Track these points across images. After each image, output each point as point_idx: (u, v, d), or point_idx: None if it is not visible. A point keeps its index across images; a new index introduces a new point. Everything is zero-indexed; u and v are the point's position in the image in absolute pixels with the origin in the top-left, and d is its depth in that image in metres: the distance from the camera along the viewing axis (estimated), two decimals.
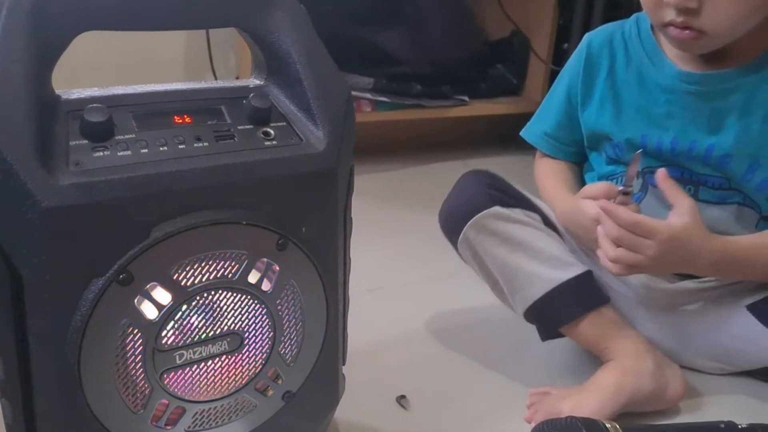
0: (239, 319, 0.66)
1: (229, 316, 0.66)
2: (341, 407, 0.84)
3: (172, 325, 0.63)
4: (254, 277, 0.66)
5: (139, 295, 0.60)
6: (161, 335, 0.62)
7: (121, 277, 0.59)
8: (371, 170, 1.86)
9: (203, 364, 0.65)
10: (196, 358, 0.65)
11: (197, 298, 0.63)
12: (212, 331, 0.65)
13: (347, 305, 0.78)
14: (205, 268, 0.63)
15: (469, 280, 1.12)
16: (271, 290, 0.67)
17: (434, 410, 0.94)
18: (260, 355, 0.68)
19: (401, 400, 0.94)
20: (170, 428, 0.66)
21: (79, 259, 0.57)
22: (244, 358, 0.68)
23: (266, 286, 0.67)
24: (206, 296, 0.64)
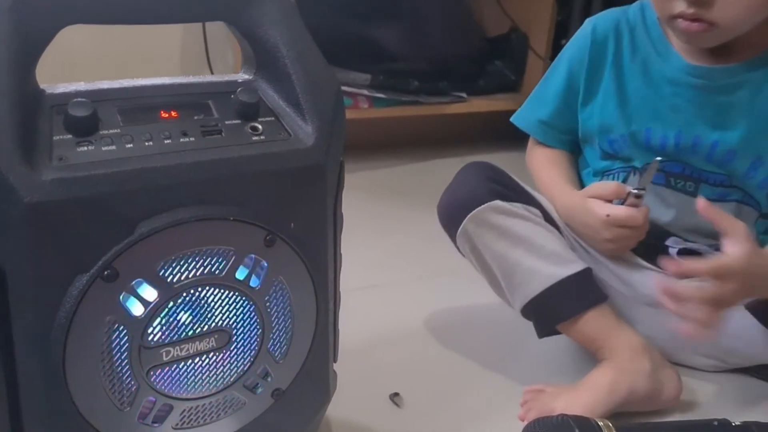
0: (227, 315, 0.66)
1: (216, 312, 0.65)
2: (334, 405, 0.83)
3: (158, 321, 0.62)
4: (242, 273, 0.65)
5: (124, 291, 0.60)
6: (147, 332, 0.61)
7: (105, 273, 0.58)
8: (368, 167, 1.85)
9: (191, 361, 0.65)
10: (183, 355, 0.64)
11: (184, 294, 0.63)
12: (200, 327, 0.64)
13: (338, 302, 0.77)
14: (191, 264, 0.62)
15: (465, 278, 1.12)
16: (259, 287, 0.66)
17: (428, 408, 0.93)
18: (249, 352, 0.68)
19: (395, 397, 0.94)
20: (157, 425, 0.65)
21: (62, 255, 0.57)
22: (232, 355, 0.67)
23: (254, 282, 0.66)
24: (193, 293, 0.63)
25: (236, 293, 0.65)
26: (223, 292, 0.65)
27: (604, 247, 0.96)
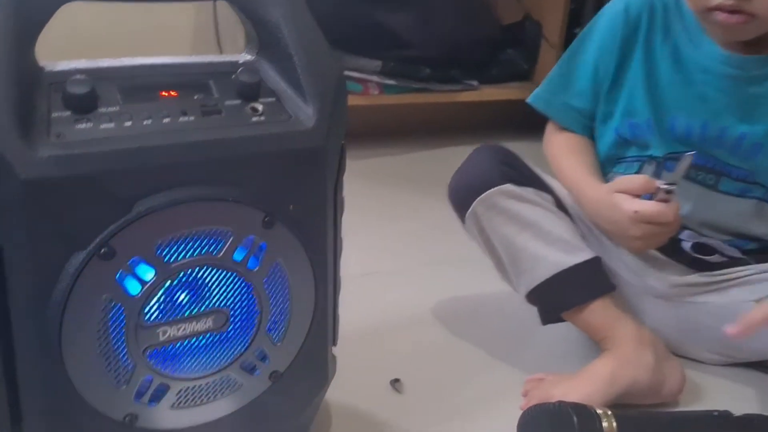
0: (225, 296, 0.65)
1: (214, 293, 0.65)
2: (333, 389, 0.83)
3: (155, 301, 0.62)
4: (240, 254, 0.65)
5: (121, 270, 0.60)
6: (144, 311, 0.61)
7: (102, 251, 0.58)
8: (377, 154, 1.85)
9: (187, 341, 0.65)
10: (180, 335, 0.64)
11: (181, 274, 0.62)
12: (197, 308, 0.64)
13: (338, 286, 0.77)
14: (189, 244, 0.62)
15: (471, 267, 1.11)
16: (257, 268, 0.66)
17: (428, 395, 0.93)
18: (246, 333, 0.68)
19: (395, 383, 0.94)
20: (154, 405, 0.65)
21: (59, 232, 0.57)
22: (229, 336, 0.67)
23: (252, 264, 0.66)
24: (191, 273, 0.63)
25: (234, 274, 0.65)
26: (221, 273, 0.64)
27: (631, 245, 0.92)
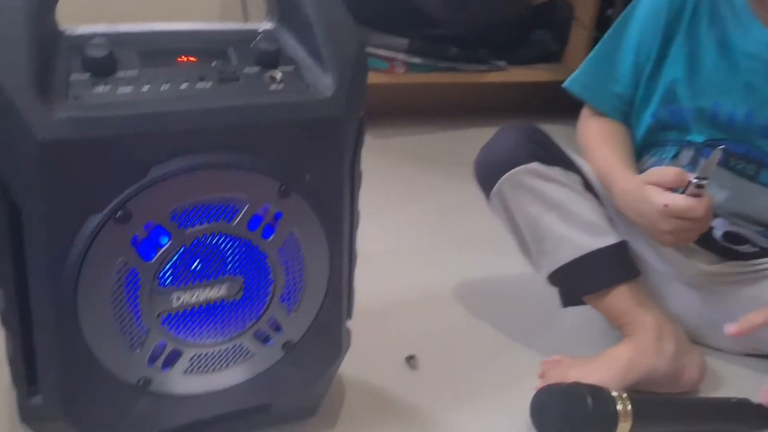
0: (239, 265, 0.66)
1: (228, 261, 0.65)
2: (348, 363, 0.83)
3: (170, 266, 0.62)
4: (255, 223, 0.65)
5: (136, 234, 0.60)
6: (158, 276, 0.62)
7: (118, 214, 0.58)
8: (401, 133, 1.84)
9: (201, 307, 0.65)
10: (193, 301, 0.64)
11: (196, 241, 0.63)
12: (211, 275, 0.65)
13: (354, 259, 0.77)
14: (204, 211, 0.62)
15: (493, 248, 1.10)
16: (272, 238, 0.66)
17: (443, 373, 0.92)
18: (260, 302, 0.68)
19: (410, 360, 0.94)
20: (167, 370, 0.66)
21: (75, 194, 0.57)
22: (243, 304, 0.67)
23: (267, 233, 0.66)
24: (206, 240, 0.63)
25: (249, 243, 0.65)
26: (235, 241, 0.64)
27: (661, 238, 0.90)
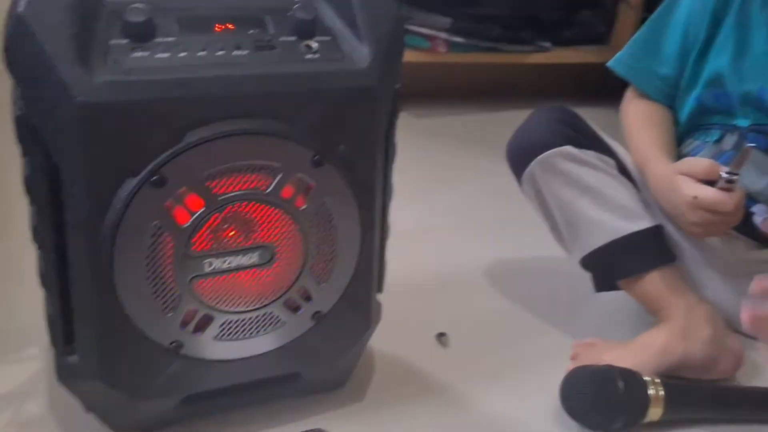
0: (271, 233, 0.66)
1: (260, 229, 0.66)
2: (379, 339, 0.84)
3: (203, 232, 0.63)
4: (288, 192, 0.65)
5: (171, 198, 0.61)
6: (191, 241, 0.63)
7: (153, 178, 0.59)
8: (441, 113, 1.83)
9: (233, 274, 0.66)
10: (225, 267, 0.65)
11: (229, 207, 0.63)
12: (243, 242, 0.65)
13: (387, 232, 0.77)
14: (238, 178, 0.63)
15: (527, 230, 1.09)
16: (304, 207, 0.66)
17: (473, 352, 0.92)
18: (291, 271, 0.68)
19: (441, 337, 0.93)
20: (199, 334, 0.67)
21: (113, 156, 0.58)
22: (274, 272, 0.68)
23: (300, 202, 0.66)
24: (239, 206, 0.64)
25: (281, 211, 0.66)
26: (268, 209, 0.65)
27: (689, 230, 0.89)
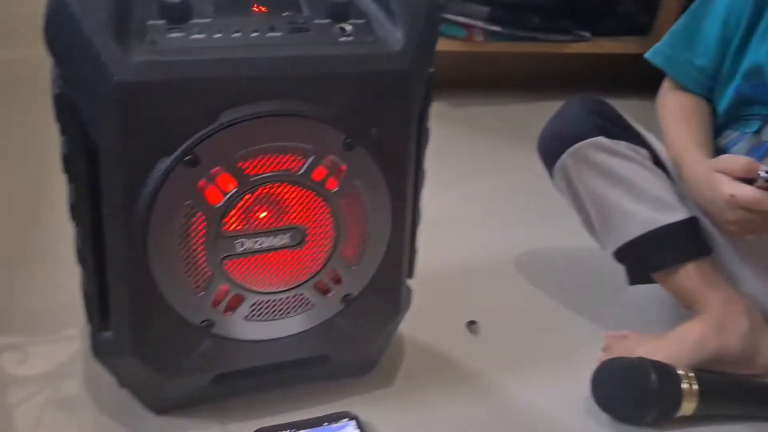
0: (302, 215, 0.66)
1: (292, 210, 0.66)
2: (409, 325, 0.84)
3: (235, 212, 0.64)
4: (320, 174, 0.65)
5: (204, 178, 0.61)
6: (223, 221, 0.63)
7: (187, 158, 0.60)
8: (478, 103, 1.81)
9: (264, 255, 0.66)
10: (256, 248, 0.66)
11: (261, 188, 0.64)
12: (275, 223, 0.66)
13: (418, 217, 0.77)
14: (270, 159, 0.63)
15: (561, 221, 1.08)
16: (336, 190, 0.66)
17: (503, 340, 0.92)
18: (321, 253, 0.69)
19: (471, 326, 0.93)
20: (229, 314, 0.68)
21: (148, 135, 0.59)
22: (305, 254, 0.68)
23: (331, 184, 0.66)
24: (271, 188, 0.64)
25: (313, 193, 0.66)
26: (299, 190, 0.65)
27: (726, 228, 0.87)
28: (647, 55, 1.00)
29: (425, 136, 0.73)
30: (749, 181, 0.81)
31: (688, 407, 0.75)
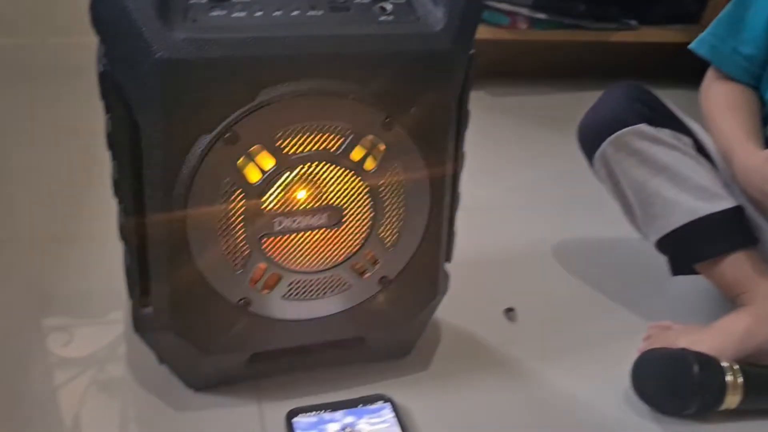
0: (340, 194, 0.66)
1: (330, 190, 0.66)
2: (446, 311, 0.83)
3: (273, 190, 0.64)
4: (358, 154, 0.65)
5: (243, 156, 0.62)
6: (262, 199, 0.64)
7: (227, 135, 0.60)
8: (521, 92, 1.79)
9: (301, 234, 0.67)
10: (294, 227, 0.66)
11: (300, 167, 0.64)
12: (312, 202, 0.66)
13: (457, 201, 0.76)
14: (309, 138, 0.63)
15: (602, 210, 1.06)
16: (374, 170, 0.66)
17: (541, 328, 0.90)
18: (359, 234, 0.69)
19: (509, 312, 0.92)
20: (267, 292, 0.68)
21: (189, 113, 0.60)
22: (342, 234, 0.68)
23: (369, 164, 0.66)
24: (309, 167, 0.64)
25: (351, 173, 0.66)
26: (338, 170, 0.65)
27: None
28: (692, 45, 0.98)
29: (465, 117, 0.72)
30: None
31: (731, 400, 0.73)
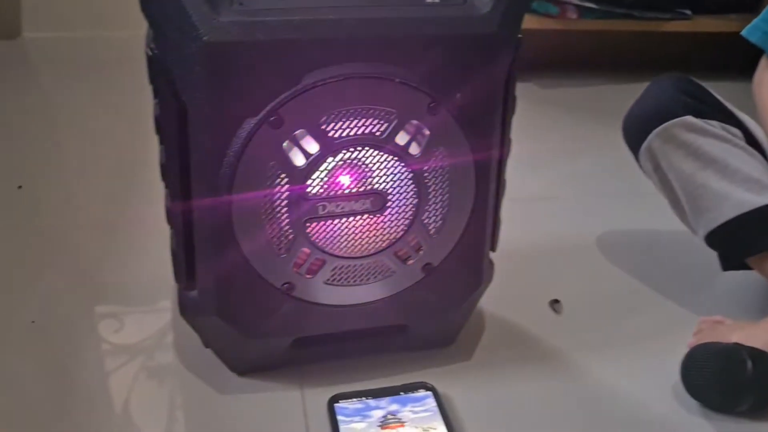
0: (384, 180, 0.66)
1: (374, 175, 0.66)
2: (490, 301, 0.82)
3: (317, 175, 0.64)
4: (402, 138, 0.65)
5: (288, 140, 0.62)
6: (306, 183, 0.64)
7: (271, 119, 0.61)
8: (570, 83, 1.76)
9: (345, 219, 0.66)
10: (338, 212, 0.66)
11: (344, 151, 0.64)
12: (356, 187, 0.66)
13: (503, 188, 0.75)
14: (353, 122, 0.63)
15: (649, 203, 1.04)
16: (418, 155, 0.66)
17: (587, 320, 0.89)
18: (403, 220, 0.68)
19: (554, 304, 0.91)
20: (310, 277, 0.68)
21: (235, 96, 0.60)
22: (386, 220, 0.68)
23: (414, 149, 0.65)
24: (353, 151, 0.64)
25: (395, 158, 0.65)
26: (382, 154, 0.65)
27: None
28: (743, 32, 0.95)
29: (512, 103, 0.71)
30: None
31: None
